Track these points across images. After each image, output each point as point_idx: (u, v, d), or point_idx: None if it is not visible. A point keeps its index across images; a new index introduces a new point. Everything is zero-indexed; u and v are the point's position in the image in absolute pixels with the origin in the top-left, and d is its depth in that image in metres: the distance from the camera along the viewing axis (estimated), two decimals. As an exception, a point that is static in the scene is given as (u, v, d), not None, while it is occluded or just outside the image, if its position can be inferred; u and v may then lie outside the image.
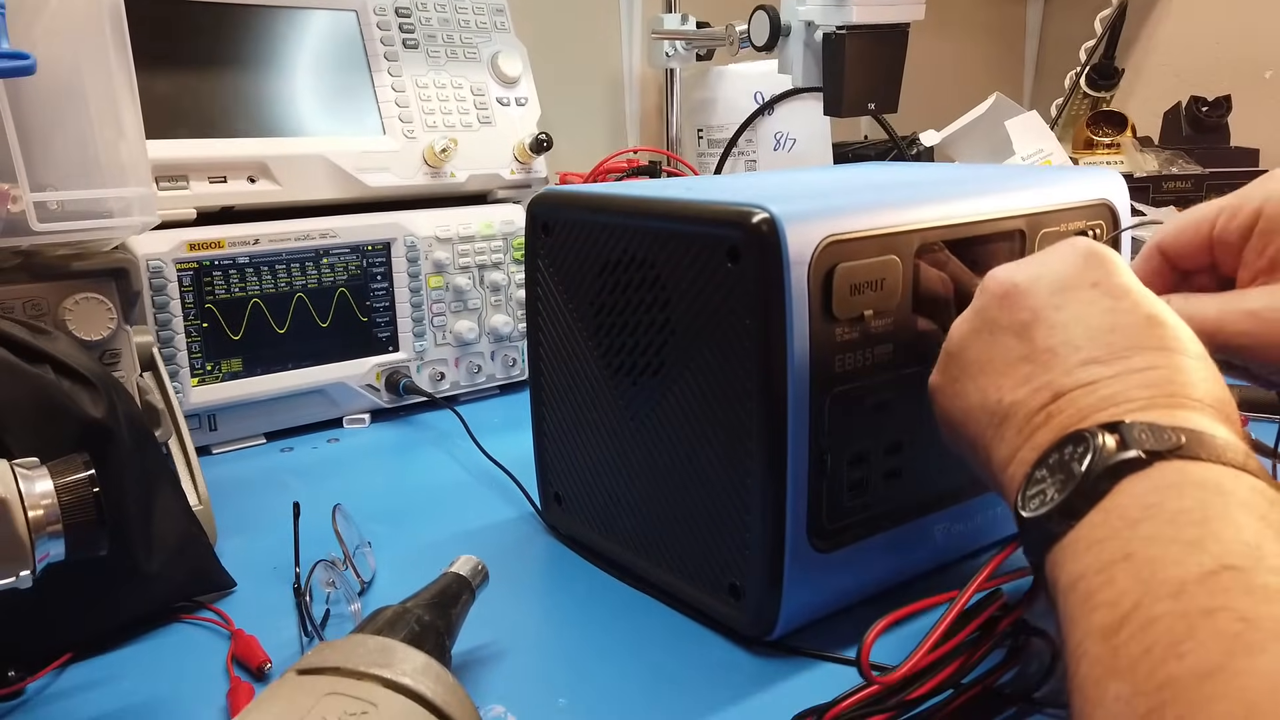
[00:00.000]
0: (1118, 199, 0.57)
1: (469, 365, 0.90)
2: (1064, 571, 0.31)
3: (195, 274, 0.75)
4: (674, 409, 0.49)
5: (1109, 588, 0.28)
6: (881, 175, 0.61)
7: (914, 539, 0.52)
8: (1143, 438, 0.32)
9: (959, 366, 0.41)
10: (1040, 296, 0.39)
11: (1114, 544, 0.29)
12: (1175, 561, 0.27)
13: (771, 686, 0.46)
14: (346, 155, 0.85)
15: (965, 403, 0.41)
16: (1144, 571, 0.28)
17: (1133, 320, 0.37)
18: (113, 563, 0.47)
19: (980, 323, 0.41)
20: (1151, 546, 0.28)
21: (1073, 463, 0.33)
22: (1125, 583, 0.28)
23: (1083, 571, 0.30)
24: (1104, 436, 0.32)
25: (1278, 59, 1.46)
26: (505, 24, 1.00)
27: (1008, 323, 0.39)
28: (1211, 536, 0.27)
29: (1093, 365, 0.36)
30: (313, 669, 0.34)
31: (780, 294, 0.43)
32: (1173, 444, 0.31)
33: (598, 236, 0.52)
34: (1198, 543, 0.27)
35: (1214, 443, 0.31)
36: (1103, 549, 0.30)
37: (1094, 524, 0.31)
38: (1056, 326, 0.38)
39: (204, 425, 0.78)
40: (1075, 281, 0.39)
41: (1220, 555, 0.27)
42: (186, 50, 0.81)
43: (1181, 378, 0.35)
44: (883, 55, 0.83)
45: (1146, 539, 0.29)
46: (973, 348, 0.41)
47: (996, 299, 0.40)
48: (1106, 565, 0.29)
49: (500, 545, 0.61)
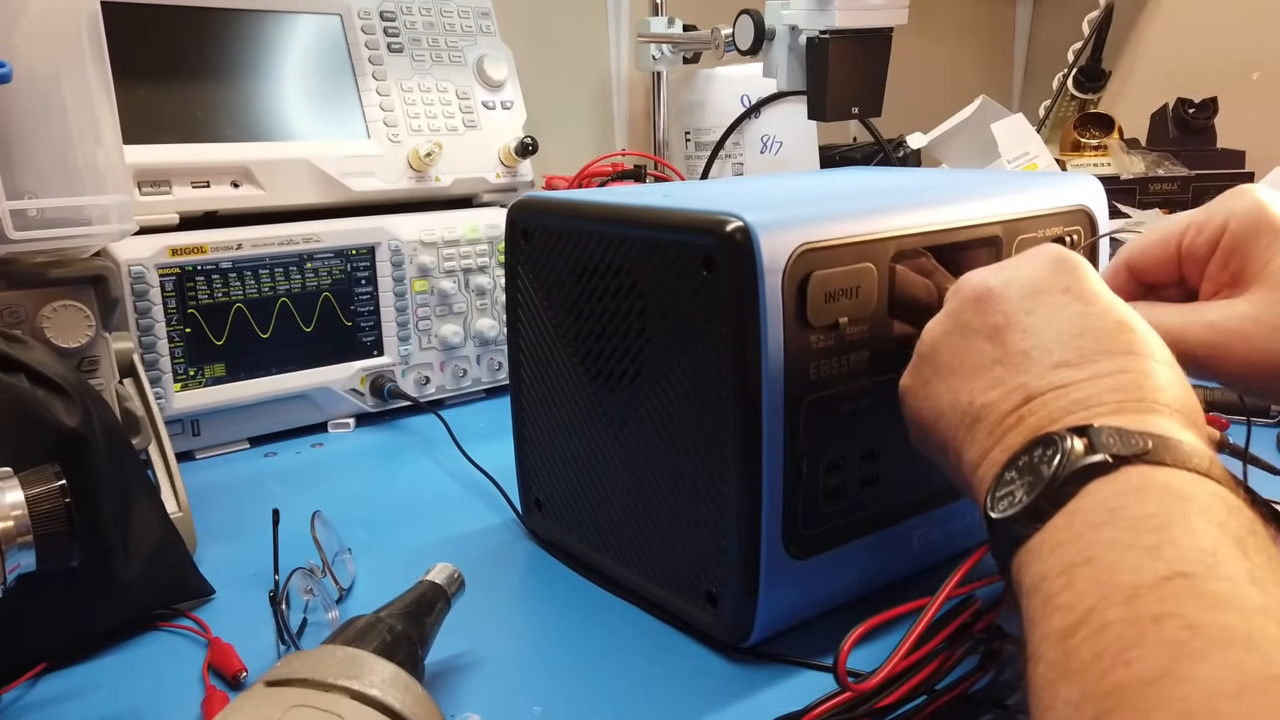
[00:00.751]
0: (1095, 205, 0.57)
1: (454, 369, 0.90)
2: (1028, 573, 0.32)
3: (178, 279, 0.75)
4: (651, 416, 0.49)
5: (1068, 591, 0.29)
6: (859, 182, 0.61)
7: (891, 545, 0.52)
8: (1110, 442, 0.32)
9: (931, 368, 0.42)
10: (1012, 300, 0.39)
11: (1076, 547, 0.30)
12: (1132, 567, 0.27)
13: (747, 693, 0.46)
14: (331, 159, 0.85)
15: (936, 404, 0.41)
16: (1101, 575, 0.28)
17: (1103, 325, 0.37)
18: (88, 572, 0.47)
19: (953, 325, 0.41)
20: (1111, 550, 0.29)
21: (1041, 465, 0.33)
22: (1083, 586, 0.28)
23: (1045, 574, 0.30)
24: (1072, 440, 0.33)
25: (1264, 61, 1.46)
26: (491, 27, 1.00)
27: (980, 325, 0.40)
28: (1169, 543, 0.28)
29: (1064, 369, 0.36)
30: (281, 680, 0.34)
31: (755, 302, 0.43)
32: (1139, 449, 0.32)
33: (576, 243, 0.52)
34: (1155, 549, 0.28)
35: (1180, 448, 0.32)
36: (1065, 552, 0.30)
37: (1058, 527, 0.31)
38: (1028, 330, 0.38)
39: (187, 430, 0.77)
40: (1047, 286, 0.39)
41: (1175, 561, 0.27)
42: (170, 54, 0.81)
43: (1150, 382, 0.35)
44: (866, 60, 0.83)
45: (1107, 543, 0.29)
46: (945, 350, 0.41)
47: (970, 302, 0.41)
48: (1067, 568, 0.29)
49: (481, 551, 0.61)
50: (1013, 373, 0.38)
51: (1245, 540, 0.28)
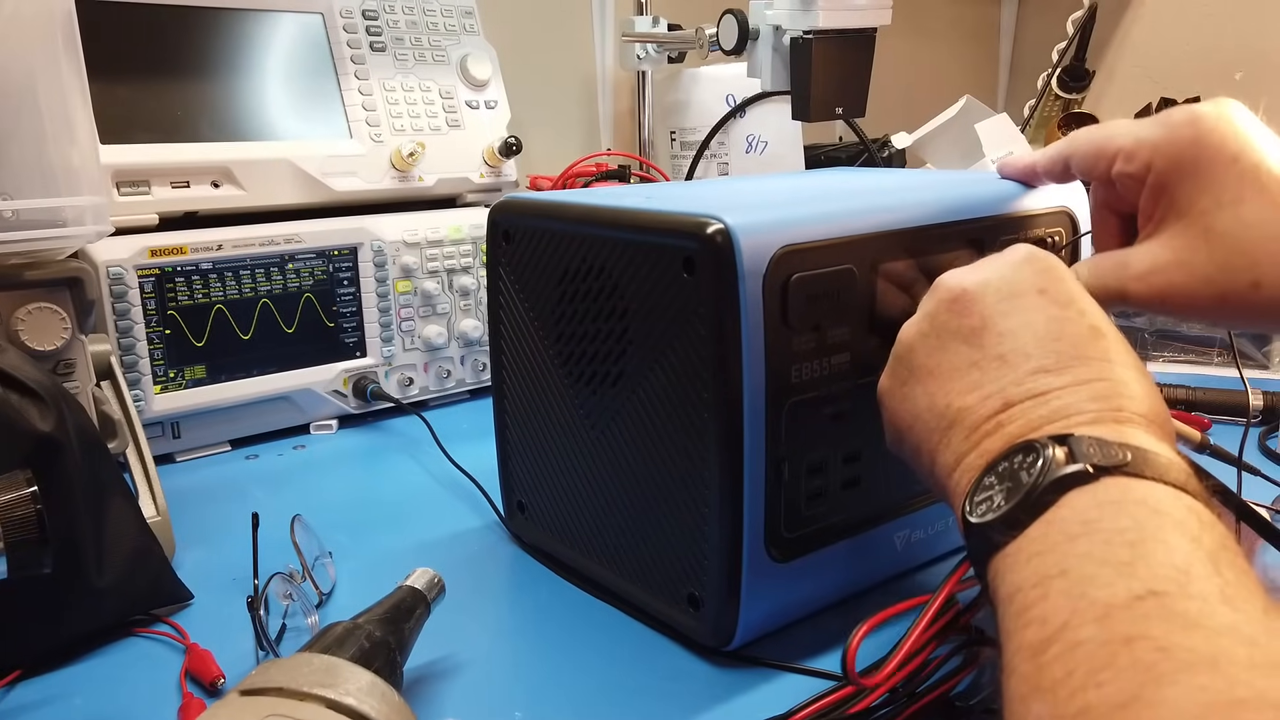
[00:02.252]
0: (1077, 206, 0.57)
1: (438, 370, 0.90)
2: (1004, 582, 0.31)
3: (157, 280, 0.74)
4: (633, 418, 0.49)
5: (1042, 604, 0.29)
6: (842, 183, 0.61)
7: (873, 547, 0.52)
8: (1090, 452, 0.32)
9: (907, 370, 0.42)
10: (989, 302, 0.39)
11: (1051, 558, 0.30)
12: (1106, 583, 0.27)
13: (730, 697, 0.45)
14: (312, 159, 0.84)
15: (913, 406, 0.41)
16: (1075, 589, 0.28)
17: (1077, 330, 0.37)
18: (62, 577, 0.46)
19: (929, 327, 0.41)
20: (1086, 564, 0.28)
21: (1021, 472, 0.33)
22: (1057, 600, 0.28)
23: (1020, 584, 0.30)
24: (1053, 448, 0.33)
25: (1248, 61, 1.47)
26: (474, 26, 0.99)
27: (956, 327, 0.40)
28: (1143, 559, 0.28)
29: (1042, 375, 0.36)
30: (255, 689, 0.33)
31: (735, 304, 0.43)
32: (1119, 460, 0.32)
33: (557, 245, 0.52)
34: (1129, 565, 0.28)
35: (1158, 461, 0.32)
36: (1041, 562, 0.30)
37: (1034, 536, 0.31)
38: (1005, 334, 0.38)
39: (167, 433, 0.77)
40: (1023, 288, 0.39)
41: (1148, 580, 0.27)
42: (149, 53, 0.80)
43: (1125, 391, 0.35)
44: (850, 60, 0.83)
45: (1082, 556, 0.29)
46: (921, 352, 0.41)
47: (945, 304, 0.41)
48: (1042, 580, 0.29)
49: (463, 555, 0.61)
50: (990, 377, 0.38)
51: (1218, 555, 0.28)
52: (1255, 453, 0.73)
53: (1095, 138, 0.46)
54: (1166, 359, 0.96)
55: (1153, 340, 0.98)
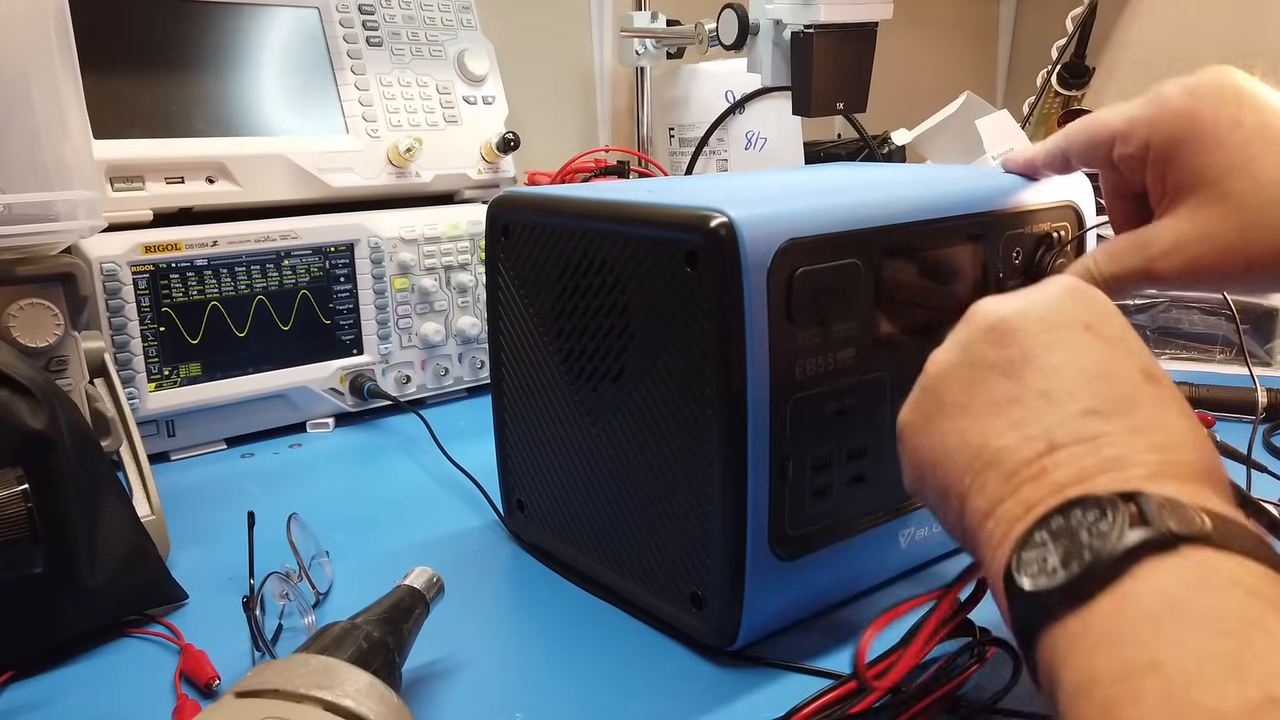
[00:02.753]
0: (1083, 200, 0.56)
1: (436, 368, 0.89)
2: (1069, 667, 0.27)
3: (151, 276, 0.73)
4: (635, 415, 0.48)
5: (1132, 707, 0.24)
6: (845, 177, 0.60)
7: (878, 546, 0.51)
8: (1164, 514, 0.27)
9: (935, 403, 0.37)
10: (1031, 333, 0.35)
11: (1136, 648, 0.25)
12: (1211, 684, 0.23)
13: (733, 697, 0.45)
14: (308, 155, 0.83)
15: (942, 443, 0.36)
16: (1176, 693, 0.24)
17: (1127, 370, 0.33)
18: (55, 577, 0.46)
19: (962, 356, 0.37)
20: (1182, 658, 0.24)
21: (1081, 531, 0.29)
22: (1152, 704, 0.24)
23: (1096, 676, 0.26)
24: (1123, 507, 0.28)
25: (1246, 58, 1.47)
26: (472, 21, 0.98)
27: (995, 359, 0.35)
28: (1251, 653, 0.24)
29: (1093, 418, 0.32)
30: (251, 691, 0.33)
31: (739, 299, 0.42)
32: (1198, 529, 0.27)
33: (557, 240, 0.51)
34: (1235, 661, 0.24)
35: (1240, 531, 0.28)
36: (1123, 651, 0.26)
37: (1105, 613, 0.27)
38: (1049, 370, 0.34)
39: (162, 431, 0.76)
40: (1067, 320, 0.35)
41: (1263, 683, 0.23)
42: (144, 48, 0.79)
43: (1184, 442, 0.31)
44: (851, 54, 0.82)
45: (1175, 646, 0.25)
46: (954, 384, 0.36)
47: (981, 332, 0.36)
48: (1129, 674, 0.25)
49: (462, 554, 0.60)
50: (1033, 415, 0.33)
51: None
52: (1260, 450, 0.73)
53: (1089, 125, 0.46)
54: (1169, 356, 0.96)
55: (1154, 337, 0.97)
